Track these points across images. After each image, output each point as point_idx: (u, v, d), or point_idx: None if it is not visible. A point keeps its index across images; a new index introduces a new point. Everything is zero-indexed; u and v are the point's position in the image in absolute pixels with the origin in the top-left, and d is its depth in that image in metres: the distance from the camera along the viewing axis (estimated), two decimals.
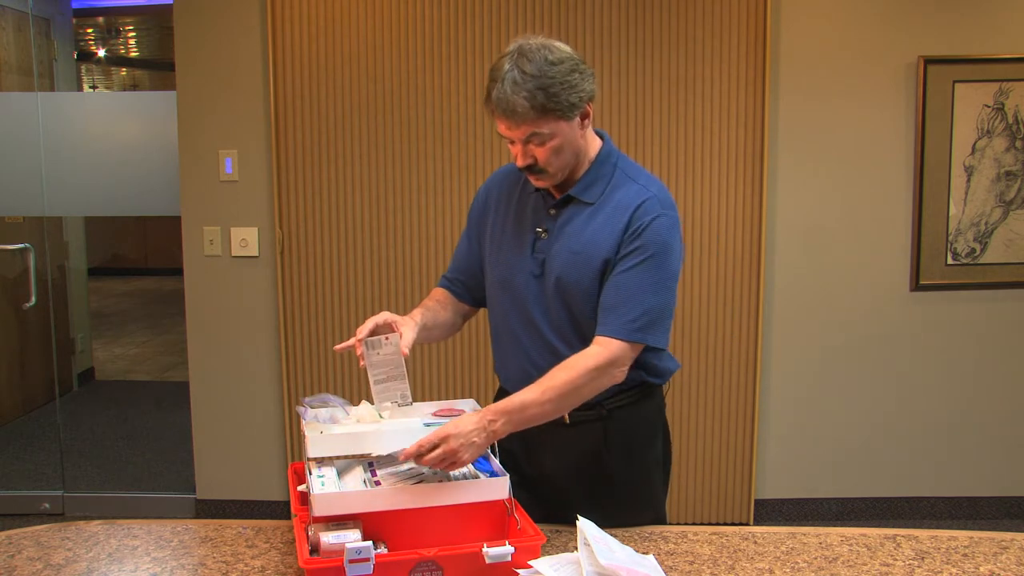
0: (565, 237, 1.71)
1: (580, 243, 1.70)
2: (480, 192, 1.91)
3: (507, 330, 1.80)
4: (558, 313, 1.72)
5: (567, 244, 1.71)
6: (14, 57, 4.55)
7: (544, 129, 1.62)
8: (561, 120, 1.62)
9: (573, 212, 1.73)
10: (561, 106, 1.60)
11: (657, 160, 3.33)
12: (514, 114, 1.59)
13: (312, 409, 1.72)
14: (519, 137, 1.64)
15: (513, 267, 1.77)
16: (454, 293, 1.92)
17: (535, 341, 1.75)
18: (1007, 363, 3.53)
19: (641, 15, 3.28)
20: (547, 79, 1.58)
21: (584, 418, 1.76)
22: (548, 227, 1.74)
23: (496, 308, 1.83)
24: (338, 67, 3.34)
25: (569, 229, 1.72)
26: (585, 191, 1.72)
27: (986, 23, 3.35)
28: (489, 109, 1.64)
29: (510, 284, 1.77)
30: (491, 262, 1.82)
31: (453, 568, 1.44)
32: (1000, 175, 3.41)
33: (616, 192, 1.71)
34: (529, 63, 1.59)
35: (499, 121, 1.64)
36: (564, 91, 1.60)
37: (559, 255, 1.71)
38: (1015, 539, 1.67)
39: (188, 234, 3.48)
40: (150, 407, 5.26)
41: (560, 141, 1.64)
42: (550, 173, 1.68)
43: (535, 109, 1.59)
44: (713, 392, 3.45)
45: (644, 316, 1.64)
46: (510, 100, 1.58)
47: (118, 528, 1.74)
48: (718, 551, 1.63)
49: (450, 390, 3.46)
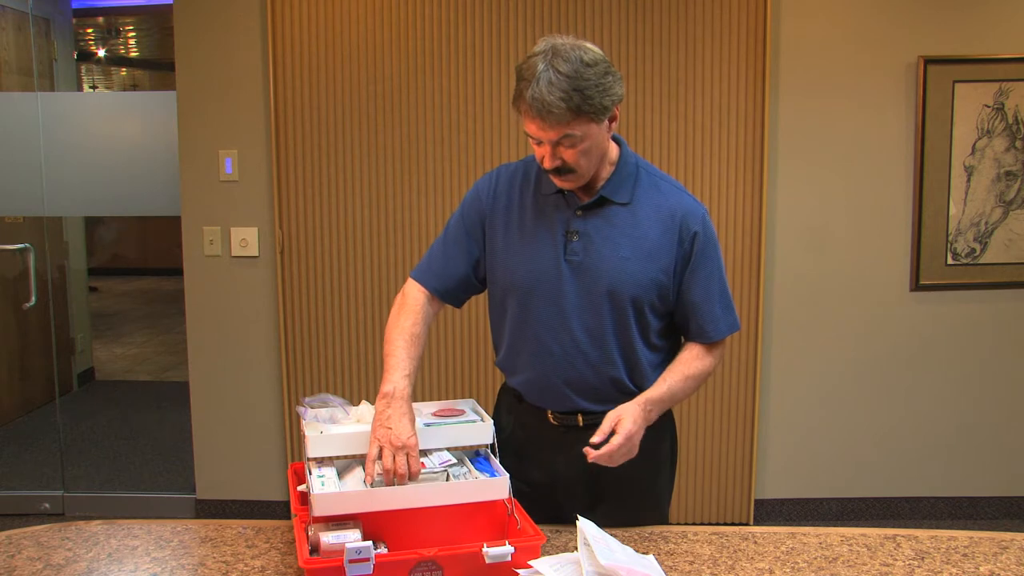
0: (608, 240, 1.69)
1: (630, 248, 1.68)
2: (482, 190, 1.82)
3: (529, 335, 1.75)
4: (597, 317, 1.70)
5: (614, 248, 1.68)
6: (14, 57, 4.55)
7: (577, 131, 1.59)
8: (592, 122, 1.60)
9: (608, 214, 1.70)
10: (595, 108, 1.58)
11: (657, 160, 3.33)
12: (549, 115, 1.56)
13: (312, 409, 1.71)
14: (551, 139, 1.60)
15: (539, 272, 1.72)
16: (440, 298, 1.83)
17: (565, 344, 1.72)
18: (1007, 363, 3.53)
19: (641, 15, 3.28)
20: (583, 80, 1.56)
21: (597, 421, 1.73)
22: (579, 229, 1.70)
23: (512, 311, 1.77)
24: (338, 67, 3.34)
25: (611, 231, 1.69)
26: (616, 192, 1.71)
27: (986, 23, 3.35)
28: (520, 109, 1.60)
29: (535, 288, 1.72)
30: (504, 265, 1.76)
31: (453, 568, 1.44)
32: (1000, 175, 3.41)
33: (651, 192, 1.72)
34: (565, 63, 1.55)
35: (530, 122, 1.60)
36: (598, 94, 1.57)
37: (605, 259, 1.68)
38: (1015, 539, 1.67)
39: (188, 234, 3.48)
40: (150, 407, 5.26)
41: (590, 144, 1.62)
42: (578, 175, 1.65)
43: (571, 111, 1.56)
44: (713, 392, 3.45)
45: (733, 309, 1.83)
46: (546, 101, 1.54)
47: (118, 528, 1.74)
48: (718, 551, 1.63)
49: (450, 390, 3.46)
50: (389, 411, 1.60)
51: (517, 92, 1.60)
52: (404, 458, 1.54)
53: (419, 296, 1.81)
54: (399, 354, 1.70)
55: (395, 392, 1.63)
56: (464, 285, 1.83)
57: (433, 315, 1.83)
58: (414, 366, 1.71)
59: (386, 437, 1.56)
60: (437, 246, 1.85)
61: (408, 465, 1.54)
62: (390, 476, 1.54)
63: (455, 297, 1.85)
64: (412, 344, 1.73)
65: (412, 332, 1.74)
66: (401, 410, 1.61)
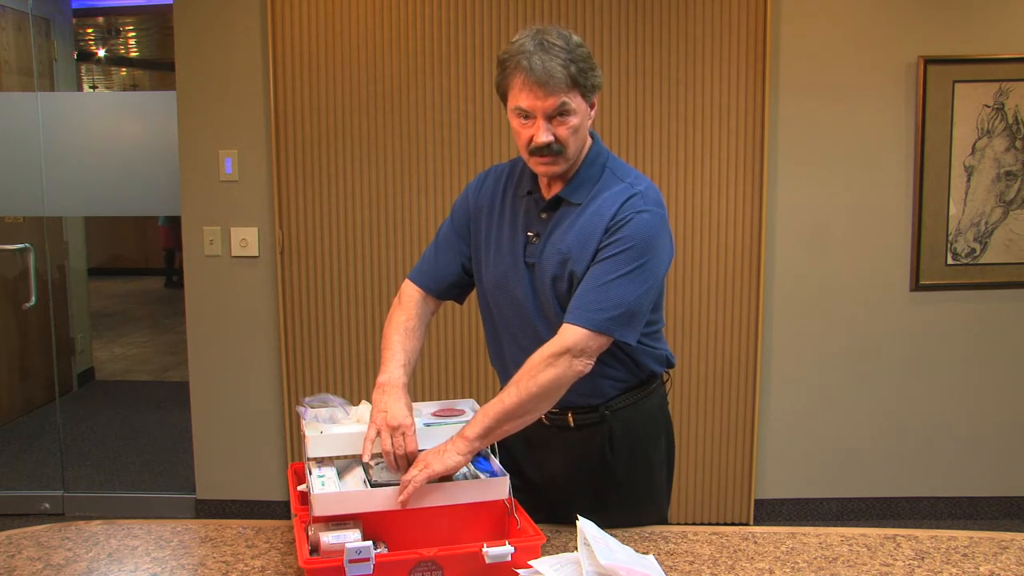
0: (553, 239, 1.70)
1: (566, 243, 1.68)
2: (470, 190, 1.86)
3: (504, 330, 1.80)
4: (555, 314, 1.71)
5: (555, 246, 1.69)
6: (14, 57, 4.55)
7: (571, 102, 1.61)
8: (583, 99, 1.63)
9: (562, 214, 1.71)
10: (587, 83, 1.62)
11: (657, 160, 3.33)
12: (551, 79, 1.57)
13: (312, 409, 1.72)
14: (548, 108, 1.60)
15: (507, 270, 1.75)
16: (436, 296, 1.86)
17: (534, 341, 1.74)
18: (1007, 363, 3.52)
19: (641, 15, 3.28)
20: (576, 54, 1.60)
21: (588, 421, 1.76)
22: (538, 231, 1.73)
23: (492, 308, 1.82)
24: (338, 67, 3.34)
25: (557, 231, 1.70)
26: (574, 193, 1.71)
27: (986, 23, 3.35)
28: (513, 84, 1.61)
29: (505, 286, 1.76)
30: (485, 263, 1.80)
31: (453, 568, 1.44)
32: (1000, 175, 3.41)
33: (603, 192, 1.70)
34: (557, 38, 1.60)
35: (527, 93, 1.59)
36: (589, 70, 1.62)
37: (549, 257, 1.70)
38: (1015, 539, 1.67)
39: (188, 234, 3.48)
40: (150, 407, 5.26)
41: (579, 121, 1.64)
42: (566, 155, 1.66)
43: (569, 78, 1.59)
44: (713, 392, 3.45)
45: (614, 308, 1.60)
46: (547, 66, 1.57)
47: (118, 528, 1.74)
48: (718, 551, 1.63)
49: (450, 390, 3.46)
50: (385, 397, 1.65)
51: (507, 68, 1.62)
52: (401, 438, 1.58)
53: (414, 294, 1.86)
54: (394, 347, 1.75)
55: (390, 381, 1.68)
56: (457, 283, 1.87)
57: (431, 313, 1.87)
58: (409, 357, 1.75)
59: (382, 420, 1.60)
60: (430, 247, 1.90)
61: (405, 445, 1.57)
62: (391, 457, 1.57)
63: (450, 293, 1.89)
64: (408, 337, 1.78)
65: (407, 326, 1.79)
66: (396, 395, 1.65)
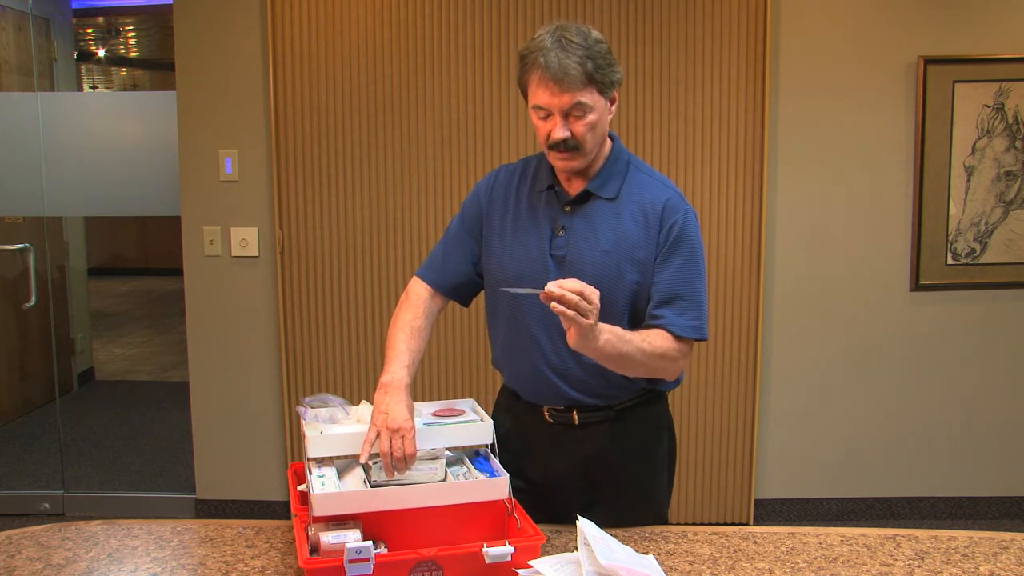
0: (591, 235, 1.70)
1: (610, 241, 1.69)
2: (481, 189, 1.85)
3: (519, 329, 1.77)
4: None
5: (596, 242, 1.69)
6: (14, 57, 4.55)
7: (588, 99, 1.62)
8: (601, 95, 1.64)
9: (594, 209, 1.71)
10: (604, 80, 1.63)
11: (657, 160, 3.33)
12: (566, 76, 1.59)
13: (312, 409, 1.72)
14: (564, 105, 1.61)
15: (527, 266, 1.73)
16: (444, 294, 1.86)
17: (553, 340, 1.73)
18: (1007, 363, 3.53)
19: (641, 15, 3.28)
20: (594, 51, 1.61)
21: (593, 419, 1.76)
22: (565, 224, 1.72)
23: (504, 307, 1.79)
24: (338, 67, 3.34)
25: (594, 226, 1.70)
26: (603, 187, 1.72)
27: (986, 23, 3.35)
28: (531, 80, 1.63)
29: (529, 279, 1.72)
30: (497, 261, 1.79)
31: (453, 568, 1.44)
32: (1000, 175, 3.41)
33: (636, 189, 1.72)
34: (576, 35, 1.61)
35: (544, 90, 1.61)
36: (607, 66, 1.63)
37: (587, 253, 1.69)
38: (1015, 539, 1.67)
39: (188, 234, 3.48)
40: (150, 407, 5.26)
41: (597, 117, 1.64)
42: (583, 152, 1.66)
43: (585, 75, 1.60)
44: (713, 392, 3.45)
45: (702, 315, 1.71)
46: (563, 63, 1.58)
47: (118, 528, 1.74)
48: (718, 551, 1.63)
49: (450, 390, 3.46)
50: (387, 399, 1.63)
51: (527, 64, 1.64)
52: (400, 441, 1.57)
53: (422, 292, 1.85)
54: (399, 347, 1.74)
55: (392, 382, 1.67)
56: (466, 281, 1.86)
57: (437, 311, 1.86)
58: (414, 357, 1.74)
59: (383, 421, 1.59)
60: (439, 245, 1.89)
61: (404, 447, 1.56)
62: (388, 459, 1.56)
63: (458, 293, 1.87)
64: (413, 336, 1.76)
65: (413, 325, 1.78)
66: (397, 397, 1.64)
